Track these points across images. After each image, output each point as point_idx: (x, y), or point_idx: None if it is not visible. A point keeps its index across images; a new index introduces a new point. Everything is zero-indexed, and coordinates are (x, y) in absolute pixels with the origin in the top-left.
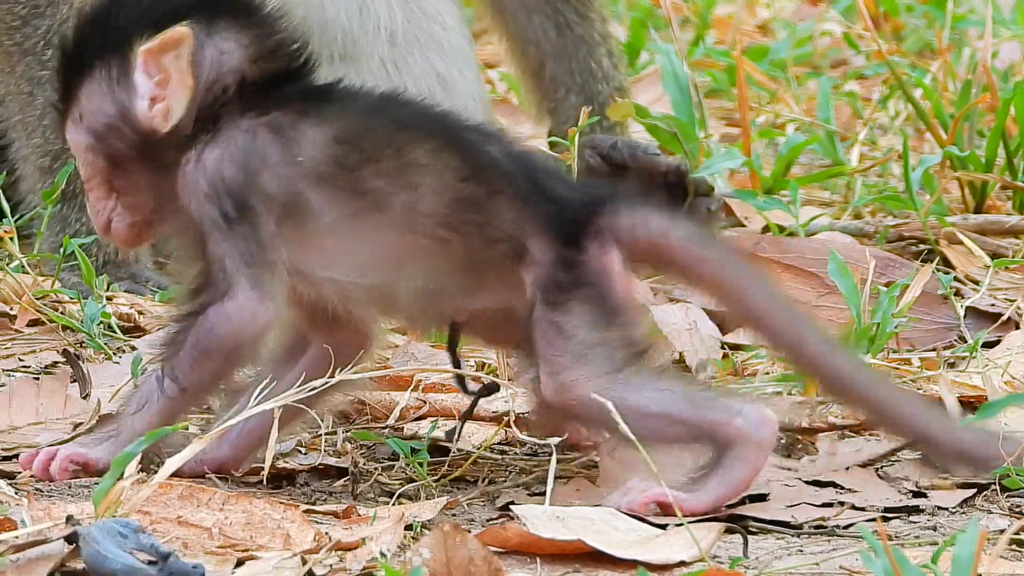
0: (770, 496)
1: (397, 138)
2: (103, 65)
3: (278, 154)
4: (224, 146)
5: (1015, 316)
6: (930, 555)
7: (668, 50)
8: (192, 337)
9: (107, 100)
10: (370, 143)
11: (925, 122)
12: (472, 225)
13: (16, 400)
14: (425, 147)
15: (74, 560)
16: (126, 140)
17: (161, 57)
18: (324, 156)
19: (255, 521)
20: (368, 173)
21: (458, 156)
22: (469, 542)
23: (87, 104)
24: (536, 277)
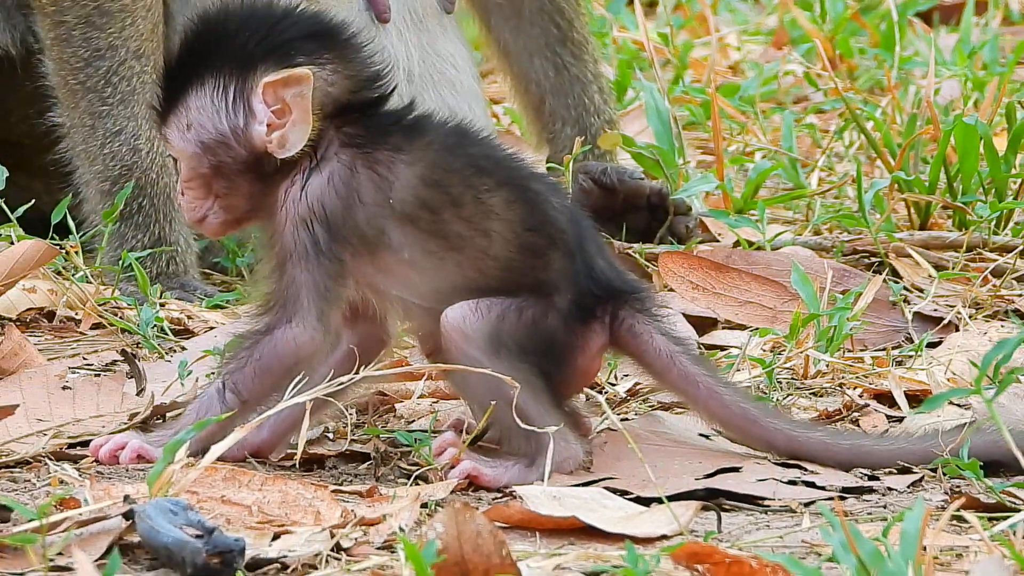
0: (743, 469)
1: (476, 182)
2: (220, 83)
3: (372, 193)
4: (327, 177)
5: (955, 320)
6: (881, 529)
7: (651, 88)
8: (257, 354)
9: (220, 117)
10: (453, 187)
11: (876, 150)
12: (529, 269)
13: (79, 396)
14: (499, 196)
15: (130, 534)
16: (233, 155)
17: (282, 90)
18: (413, 198)
19: (289, 500)
20: (449, 216)
21: (527, 207)
22: (477, 518)
23: (197, 116)
24: None
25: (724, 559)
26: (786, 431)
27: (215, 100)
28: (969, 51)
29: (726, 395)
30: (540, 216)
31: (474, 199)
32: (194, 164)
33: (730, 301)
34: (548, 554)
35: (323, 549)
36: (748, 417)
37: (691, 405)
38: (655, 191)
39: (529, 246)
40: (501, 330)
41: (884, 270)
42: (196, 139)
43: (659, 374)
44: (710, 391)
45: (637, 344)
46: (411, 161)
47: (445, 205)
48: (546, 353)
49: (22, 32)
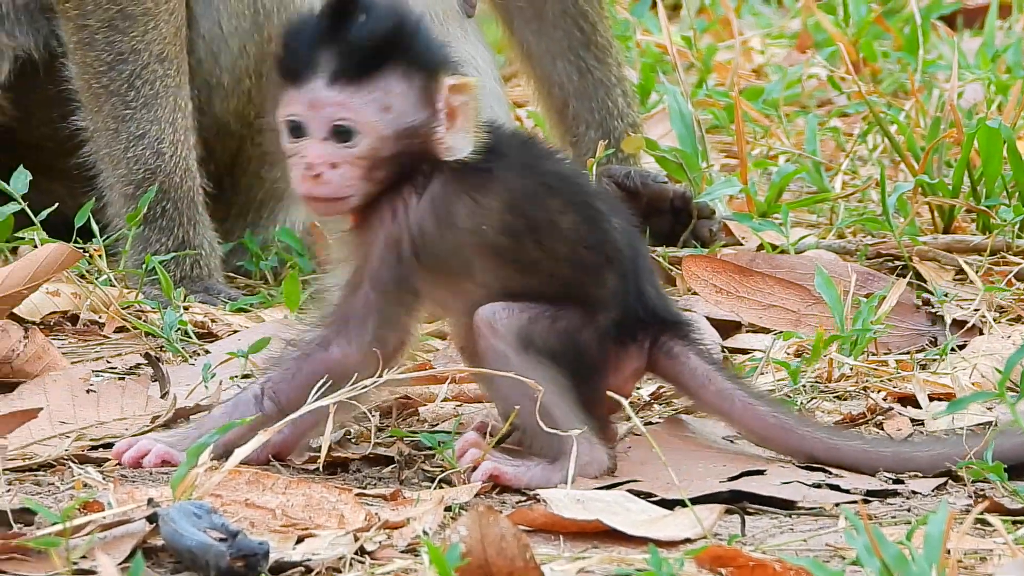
0: (767, 472)
1: (549, 204)
2: (416, 76)
3: (467, 220)
4: (430, 200)
5: (979, 323)
6: (905, 533)
7: (675, 91)
8: (307, 368)
9: (417, 109)
10: (532, 212)
11: (899, 154)
12: (580, 284)
13: (103, 399)
14: (569, 217)
15: (154, 538)
16: (410, 149)
17: (456, 95)
18: (500, 224)
19: (313, 503)
20: (527, 242)
21: (589, 226)
22: (501, 521)
23: (399, 102)
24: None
25: (748, 562)
26: (825, 440)
27: (412, 90)
28: (993, 54)
29: (762, 409)
30: (601, 235)
31: (548, 222)
32: (378, 146)
33: (754, 305)
34: (572, 557)
35: (347, 553)
36: (785, 428)
37: (728, 422)
38: (679, 195)
39: (585, 263)
40: (532, 331)
41: (908, 274)
42: (394, 123)
43: (695, 393)
44: (745, 406)
45: (673, 365)
46: (499, 186)
47: (525, 231)
48: (576, 364)
49: (45, 36)
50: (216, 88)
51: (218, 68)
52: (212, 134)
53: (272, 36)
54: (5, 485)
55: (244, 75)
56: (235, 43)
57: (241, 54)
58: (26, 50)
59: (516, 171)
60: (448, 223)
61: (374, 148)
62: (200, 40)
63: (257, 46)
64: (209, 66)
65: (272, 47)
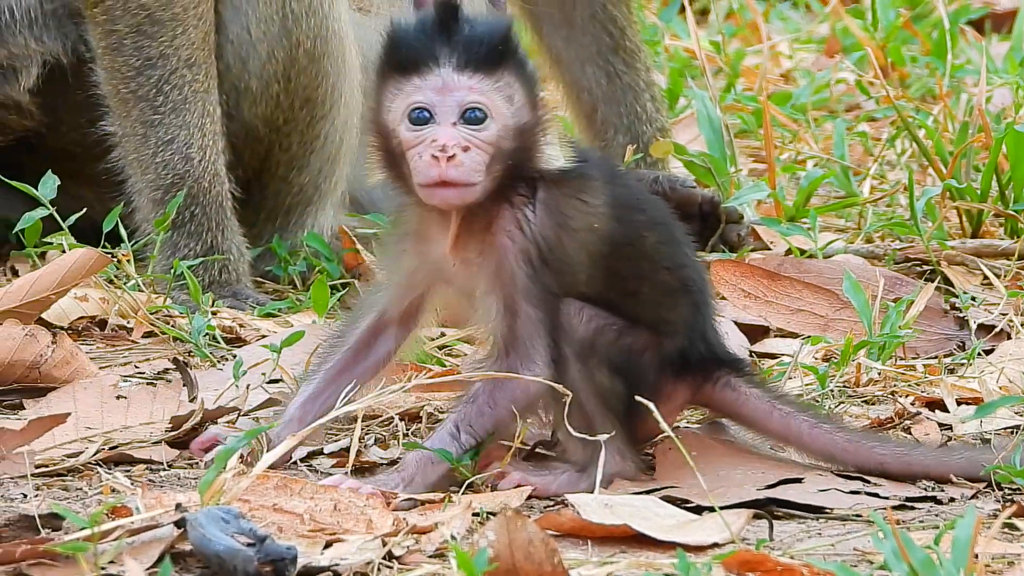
0: (804, 480)
1: (638, 218)
2: (525, 78)
3: (581, 220)
4: (545, 205)
5: (1007, 328)
6: (933, 537)
7: (703, 96)
8: (496, 399)
9: (528, 108)
10: (627, 221)
11: (927, 158)
12: (655, 305)
13: (134, 404)
14: (653, 235)
15: (182, 543)
16: (521, 148)
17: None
18: (605, 228)
19: (341, 508)
20: (622, 253)
21: (671, 249)
22: (529, 526)
23: (519, 97)
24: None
25: (775, 567)
26: (895, 452)
27: (525, 91)
28: (1021, 59)
29: (828, 431)
30: (680, 260)
31: (639, 235)
32: (504, 135)
33: (782, 309)
34: (600, 562)
35: (375, 557)
36: (855, 445)
37: (797, 448)
38: (707, 199)
39: (664, 285)
40: (596, 341)
41: (936, 278)
42: (516, 115)
43: (758, 424)
44: (812, 431)
45: (735, 398)
46: (599, 191)
47: (621, 240)
48: (630, 383)
49: (74, 41)
50: (244, 93)
51: (246, 73)
52: (240, 139)
53: (300, 41)
54: (33, 490)
55: (272, 80)
56: (263, 48)
57: (270, 59)
58: (54, 55)
59: (608, 180)
60: (565, 226)
61: (501, 136)
62: (228, 45)
63: (285, 51)
64: (238, 71)
65: (301, 52)
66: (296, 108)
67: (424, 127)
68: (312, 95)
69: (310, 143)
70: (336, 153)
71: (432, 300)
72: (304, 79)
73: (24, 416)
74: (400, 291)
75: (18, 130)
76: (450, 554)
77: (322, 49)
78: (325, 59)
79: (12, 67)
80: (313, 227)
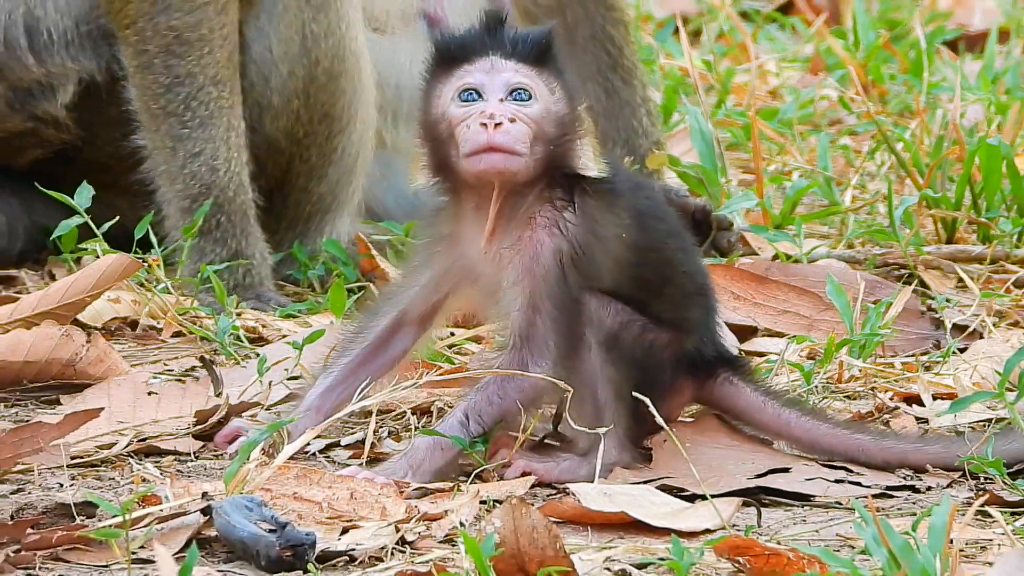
0: (792, 469)
1: (660, 228)
2: (564, 82)
3: (611, 228)
4: (580, 209)
5: (980, 328)
6: (911, 524)
7: (696, 111)
8: (504, 391)
9: (568, 107)
10: (651, 228)
11: (905, 170)
12: (673, 305)
13: (164, 400)
14: (672, 244)
15: (208, 529)
16: (560, 143)
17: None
18: (631, 237)
19: (357, 496)
20: (647, 258)
21: (687, 255)
22: (533, 514)
23: (560, 92)
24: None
25: (763, 552)
26: (890, 446)
27: (564, 92)
28: (993, 77)
29: (813, 422)
30: (695, 266)
31: (661, 243)
32: (547, 117)
33: (769, 310)
34: (599, 547)
35: (388, 543)
36: (837, 435)
37: (785, 439)
38: (699, 208)
39: (684, 288)
40: (621, 335)
41: (913, 281)
42: (556, 105)
43: (753, 419)
44: (799, 422)
45: (733, 394)
46: (627, 202)
47: (646, 247)
48: (649, 378)
49: (107, 60)
50: (267, 108)
51: (269, 90)
52: (263, 151)
53: (319, 60)
54: (68, 480)
55: (293, 96)
56: (284, 67)
57: (290, 76)
58: (89, 73)
59: (633, 192)
60: (597, 233)
61: (544, 116)
62: (252, 64)
63: (305, 69)
64: (260, 88)
65: (320, 71)
66: (315, 122)
67: (473, 104)
68: (330, 110)
69: (328, 155)
70: (353, 165)
71: (453, 302)
72: (323, 96)
73: (61, 411)
74: (425, 292)
75: (56, 143)
76: (459, 540)
77: (339, 68)
78: (342, 77)
79: (50, 84)
80: (331, 234)
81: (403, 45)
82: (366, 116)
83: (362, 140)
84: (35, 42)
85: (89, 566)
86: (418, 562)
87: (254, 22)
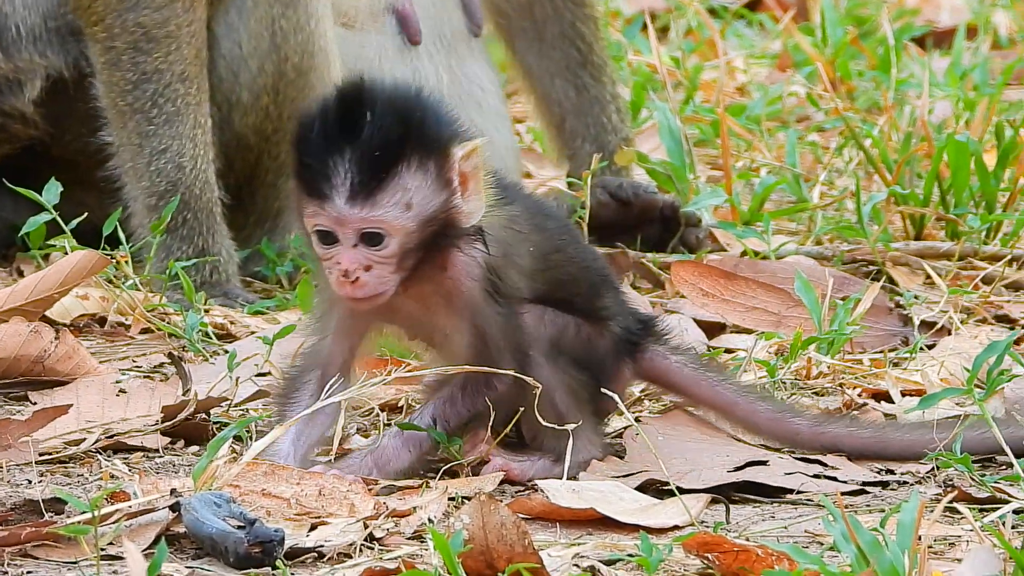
0: (769, 463)
1: (554, 230)
2: (426, 162)
3: (519, 246)
4: (486, 239)
5: (948, 324)
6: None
7: (664, 108)
8: (473, 403)
9: (434, 193)
10: (549, 236)
11: (874, 166)
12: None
13: (133, 399)
14: (567, 241)
15: (177, 525)
16: (436, 228)
17: (465, 163)
18: (536, 248)
19: (325, 493)
20: (551, 262)
21: (579, 246)
22: (501, 510)
23: (417, 195)
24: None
25: (732, 548)
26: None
27: (428, 178)
28: (961, 73)
29: (749, 401)
30: (591, 253)
31: (559, 242)
32: (406, 241)
33: (738, 307)
34: (568, 543)
35: (357, 539)
36: (773, 417)
37: (723, 415)
38: (668, 204)
39: (591, 280)
40: (561, 340)
41: (881, 278)
42: (417, 216)
43: (687, 391)
44: (736, 399)
45: (663, 367)
46: (522, 214)
47: (549, 250)
48: (596, 370)
49: (75, 57)
50: (236, 105)
51: (238, 86)
52: (232, 148)
53: (288, 56)
54: (37, 476)
55: (262, 92)
56: (254, 63)
57: (259, 73)
58: (57, 69)
59: (523, 203)
60: (508, 254)
61: (403, 244)
62: (221, 60)
63: (274, 65)
64: (229, 84)
65: (289, 67)
66: (284, 119)
67: (331, 247)
68: (299, 106)
69: None
70: None
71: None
72: (292, 91)
73: (29, 408)
74: (338, 341)
75: (24, 139)
76: (427, 536)
77: (308, 63)
78: (312, 73)
79: (18, 80)
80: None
81: (372, 40)
82: None
83: None
84: (2, 38)
85: (58, 563)
86: (386, 558)
87: (223, 18)
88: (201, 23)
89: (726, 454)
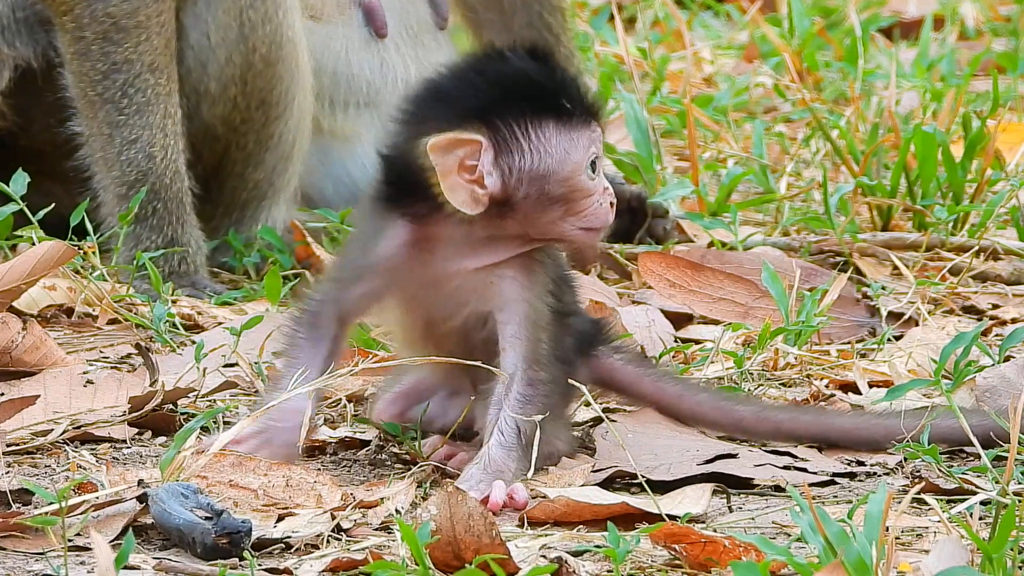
0: (739, 455)
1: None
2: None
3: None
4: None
5: (915, 315)
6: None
7: (631, 99)
8: (541, 403)
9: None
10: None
11: (841, 157)
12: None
13: (100, 390)
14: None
15: (144, 516)
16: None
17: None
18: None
19: (293, 484)
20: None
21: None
22: (469, 501)
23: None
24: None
25: (700, 539)
26: (766, 417)
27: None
28: (928, 64)
29: (693, 393)
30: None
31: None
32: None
33: (705, 298)
34: (535, 535)
35: (324, 530)
36: (717, 406)
37: (667, 412)
38: (635, 195)
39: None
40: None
41: (849, 269)
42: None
43: (629, 390)
44: (680, 394)
45: (610, 365)
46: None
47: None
48: (566, 368)
49: (44, 47)
50: (204, 95)
51: (206, 77)
52: (200, 138)
53: (256, 47)
54: (4, 467)
55: (230, 83)
56: (222, 53)
57: (228, 63)
58: (26, 60)
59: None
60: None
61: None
62: (189, 51)
63: (242, 56)
64: (198, 75)
65: (257, 57)
66: (252, 109)
67: (595, 179)
68: (267, 97)
69: (265, 142)
70: (289, 152)
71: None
72: (260, 82)
73: None
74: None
75: None
76: (395, 527)
77: (277, 54)
78: (279, 64)
79: None
80: (267, 221)
81: (339, 32)
82: (303, 103)
83: (299, 127)
84: None
85: (25, 553)
86: (354, 549)
87: (191, 9)
88: (171, 13)
89: (696, 448)
